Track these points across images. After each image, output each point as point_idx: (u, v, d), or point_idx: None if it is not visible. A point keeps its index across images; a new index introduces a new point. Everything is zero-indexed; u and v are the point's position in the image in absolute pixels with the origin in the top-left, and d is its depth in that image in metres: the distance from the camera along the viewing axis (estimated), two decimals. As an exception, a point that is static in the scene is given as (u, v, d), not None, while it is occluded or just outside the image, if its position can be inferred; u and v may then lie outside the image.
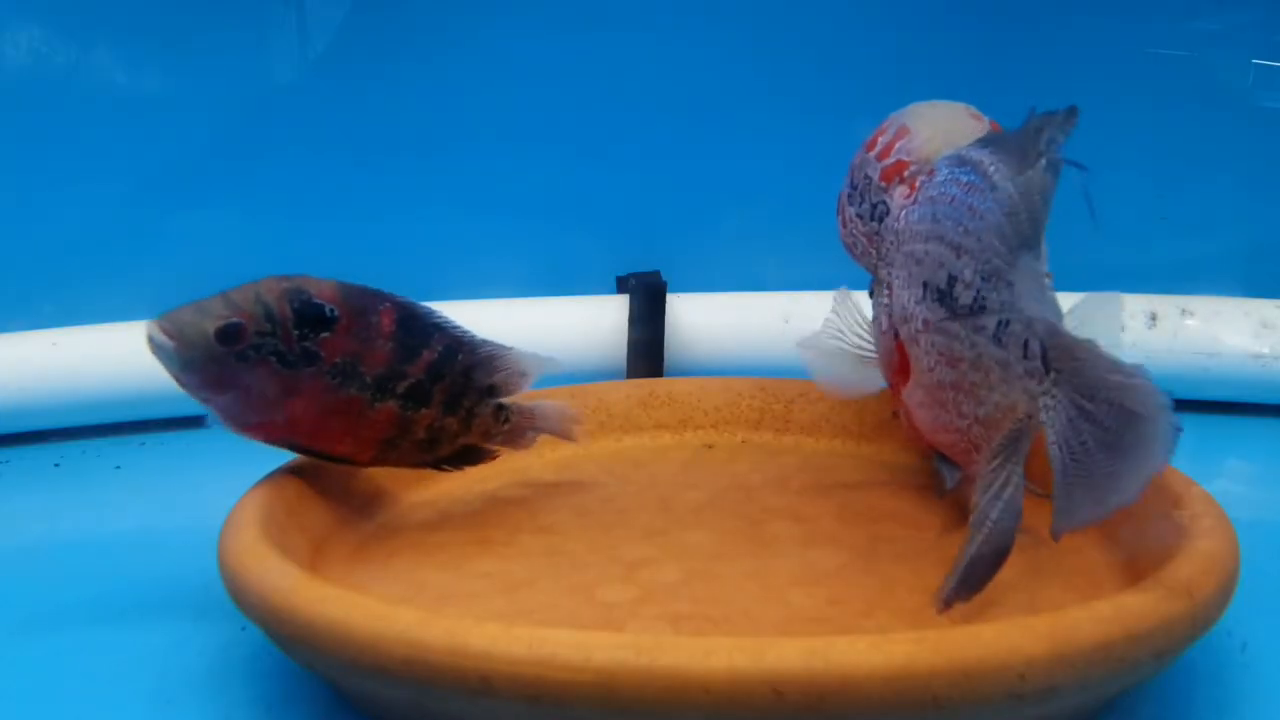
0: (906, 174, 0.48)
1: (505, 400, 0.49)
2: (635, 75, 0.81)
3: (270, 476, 0.45)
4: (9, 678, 0.40)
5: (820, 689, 0.29)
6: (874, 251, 0.50)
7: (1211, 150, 0.79)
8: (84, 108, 0.75)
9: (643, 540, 0.46)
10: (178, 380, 0.42)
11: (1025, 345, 0.38)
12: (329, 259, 0.78)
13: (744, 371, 0.61)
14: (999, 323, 0.39)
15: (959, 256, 0.41)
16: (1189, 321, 0.72)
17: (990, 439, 0.41)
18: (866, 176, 0.50)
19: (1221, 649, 0.41)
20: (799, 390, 0.60)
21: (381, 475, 0.50)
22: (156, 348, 0.41)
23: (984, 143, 0.42)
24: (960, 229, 0.41)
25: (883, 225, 0.49)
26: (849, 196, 0.51)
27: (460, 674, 0.30)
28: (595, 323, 0.75)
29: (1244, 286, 0.75)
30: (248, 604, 0.36)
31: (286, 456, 0.47)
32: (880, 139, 0.50)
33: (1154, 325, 0.72)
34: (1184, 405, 0.31)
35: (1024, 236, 0.38)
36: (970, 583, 0.38)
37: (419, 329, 0.46)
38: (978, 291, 0.40)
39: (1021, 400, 0.39)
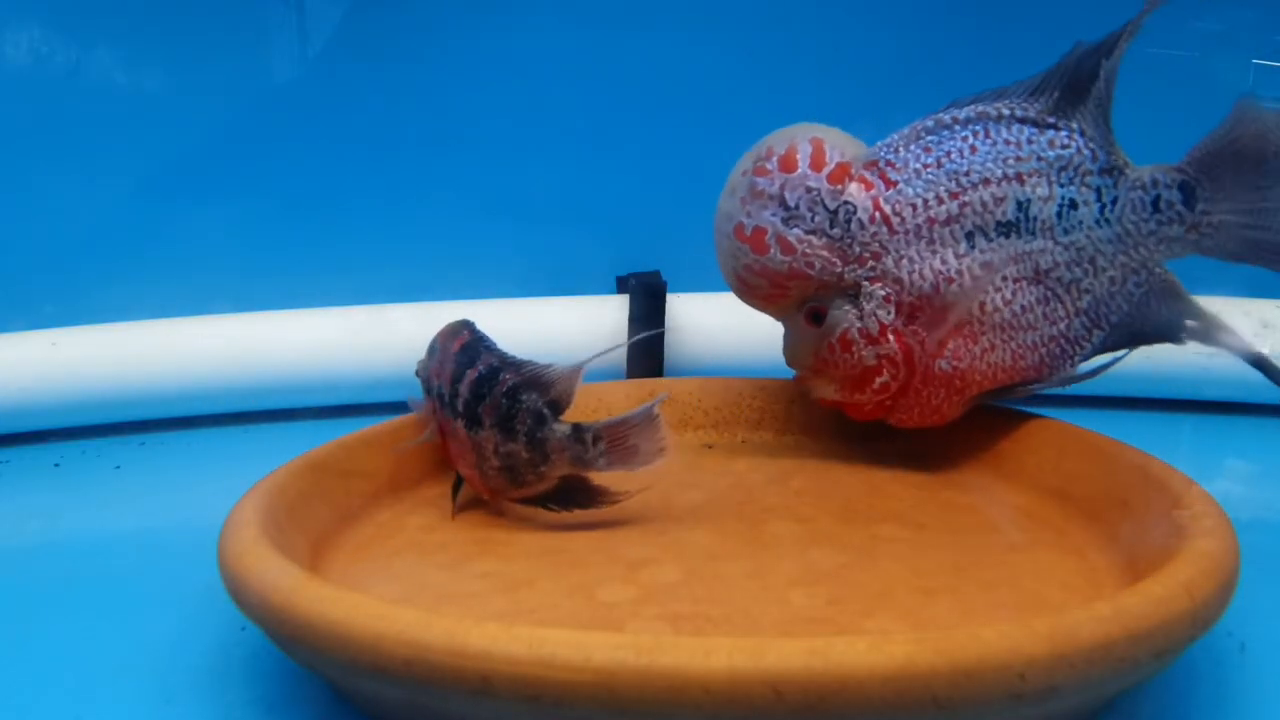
0: (854, 172, 0.50)
1: (585, 422, 0.46)
2: (635, 75, 0.81)
3: (270, 476, 0.45)
4: (10, 677, 0.40)
5: (820, 689, 0.29)
6: (838, 261, 0.50)
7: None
8: (84, 107, 0.75)
9: (643, 540, 0.46)
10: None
11: (1156, 202, 0.48)
12: (328, 259, 0.79)
13: (744, 371, 0.61)
14: (1100, 206, 0.49)
15: (1024, 183, 0.49)
16: (1189, 321, 0.71)
17: (1099, 320, 0.50)
18: (809, 189, 0.50)
19: (1221, 649, 0.41)
20: (799, 390, 0.60)
21: (382, 475, 0.50)
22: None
23: (955, 106, 0.50)
24: (1010, 161, 0.49)
25: (852, 223, 0.50)
26: (787, 221, 0.50)
27: (460, 674, 0.31)
28: (595, 323, 0.75)
29: (1244, 286, 0.75)
30: (248, 604, 0.36)
31: (286, 456, 0.47)
32: (798, 157, 0.50)
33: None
34: (1184, 405, 0.31)
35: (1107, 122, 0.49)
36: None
37: (474, 350, 0.48)
38: (1062, 198, 0.49)
39: (1157, 252, 0.49)
